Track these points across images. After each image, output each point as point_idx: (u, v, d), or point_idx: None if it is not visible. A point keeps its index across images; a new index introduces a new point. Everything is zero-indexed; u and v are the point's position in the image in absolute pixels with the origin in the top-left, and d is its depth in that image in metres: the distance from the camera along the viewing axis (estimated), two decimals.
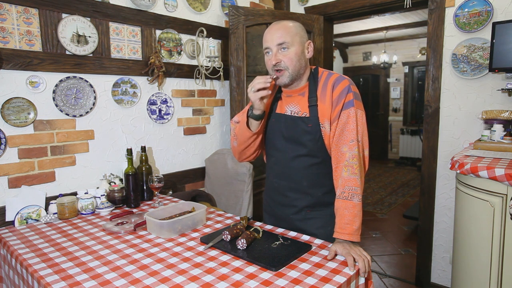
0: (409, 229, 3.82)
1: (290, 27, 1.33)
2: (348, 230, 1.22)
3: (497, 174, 1.55)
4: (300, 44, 1.34)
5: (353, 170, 1.27)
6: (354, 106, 1.31)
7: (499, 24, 2.00)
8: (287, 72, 1.33)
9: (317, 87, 1.37)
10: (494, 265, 1.63)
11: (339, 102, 1.32)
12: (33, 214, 1.69)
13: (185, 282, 1.05)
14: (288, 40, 1.31)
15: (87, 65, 1.93)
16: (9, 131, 1.68)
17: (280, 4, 3.15)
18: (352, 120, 1.30)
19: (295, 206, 1.44)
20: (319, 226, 1.42)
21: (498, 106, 2.17)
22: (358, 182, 1.26)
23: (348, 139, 1.29)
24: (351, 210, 1.24)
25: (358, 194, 1.26)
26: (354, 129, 1.30)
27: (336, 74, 1.38)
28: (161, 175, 1.86)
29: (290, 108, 1.41)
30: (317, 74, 1.41)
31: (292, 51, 1.32)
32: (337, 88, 1.33)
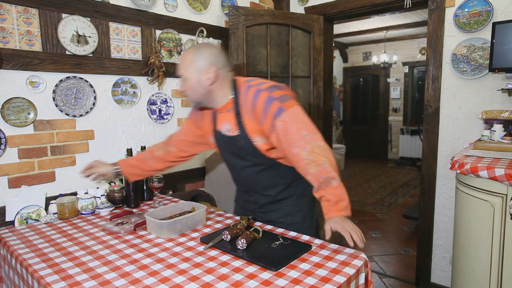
0: (409, 229, 3.82)
1: (186, 59, 1.37)
2: (337, 208, 1.22)
3: (497, 174, 1.55)
4: (195, 74, 1.35)
5: (317, 163, 1.25)
6: (285, 110, 1.29)
7: (499, 24, 2.00)
8: (190, 98, 1.43)
9: (239, 102, 1.39)
10: (494, 265, 1.63)
11: (267, 116, 1.31)
12: (33, 214, 1.69)
13: (185, 282, 1.05)
14: (183, 73, 1.38)
15: (87, 65, 1.93)
16: (9, 131, 1.68)
17: (280, 4, 3.15)
18: (289, 123, 1.29)
19: (257, 203, 1.59)
20: (281, 216, 1.55)
21: (498, 106, 2.17)
22: (328, 169, 1.24)
23: (296, 141, 1.28)
24: (334, 192, 1.23)
25: (334, 177, 1.24)
26: (296, 130, 1.28)
27: (254, 86, 1.36)
28: (161, 175, 1.86)
29: (223, 126, 1.46)
30: (236, 88, 1.42)
31: (188, 82, 1.37)
32: (258, 104, 1.32)
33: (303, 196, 1.56)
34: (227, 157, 1.55)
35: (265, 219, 1.58)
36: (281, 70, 2.91)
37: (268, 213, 1.57)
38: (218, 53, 1.38)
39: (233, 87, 1.42)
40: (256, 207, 1.60)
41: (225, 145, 1.50)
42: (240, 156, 1.47)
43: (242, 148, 1.42)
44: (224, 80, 1.40)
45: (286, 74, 2.91)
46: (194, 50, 1.37)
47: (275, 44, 2.84)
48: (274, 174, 1.49)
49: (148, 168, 1.69)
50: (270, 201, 1.55)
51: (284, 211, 1.55)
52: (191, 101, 1.43)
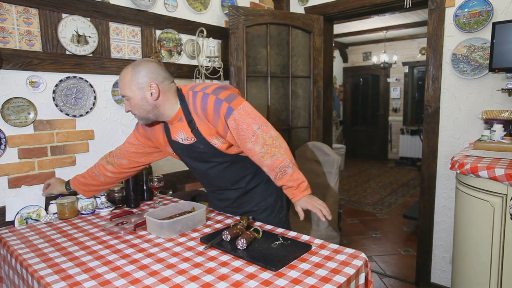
0: (409, 229, 3.82)
1: (125, 79, 1.36)
2: (300, 190, 1.38)
3: (497, 174, 1.55)
4: (139, 91, 1.35)
5: (270, 154, 1.36)
6: (234, 109, 1.35)
7: (499, 24, 2.00)
8: (137, 117, 1.42)
9: (190, 110, 1.41)
10: (494, 265, 1.63)
11: (219, 117, 1.36)
12: (33, 214, 1.69)
13: (185, 282, 1.05)
14: (125, 93, 1.37)
15: (87, 65, 1.93)
16: (9, 131, 1.68)
17: (280, 4, 3.15)
18: (240, 121, 1.35)
19: (228, 199, 1.64)
20: (255, 204, 1.61)
21: (498, 106, 2.17)
22: (282, 158, 1.36)
23: (249, 137, 1.36)
24: (292, 178, 1.37)
25: (287, 165, 1.36)
26: (247, 127, 1.35)
27: (200, 92, 1.39)
28: (161, 175, 1.86)
29: (179, 136, 1.46)
30: (183, 97, 1.42)
31: (133, 101, 1.37)
32: (208, 108, 1.36)
33: (270, 181, 1.57)
34: (189, 163, 1.56)
35: (240, 212, 1.63)
36: (281, 70, 2.91)
37: (241, 206, 1.63)
38: (156, 68, 1.36)
39: (180, 97, 1.42)
40: (228, 204, 1.65)
41: (185, 152, 1.51)
42: (203, 159, 1.50)
43: (203, 152, 1.45)
44: (169, 93, 1.39)
45: (286, 74, 2.91)
46: (131, 69, 1.35)
47: (275, 44, 2.84)
48: (240, 167, 1.54)
49: (102, 183, 1.68)
50: (241, 193, 1.60)
51: (257, 199, 1.61)
52: (139, 119, 1.43)
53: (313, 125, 3.05)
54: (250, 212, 1.61)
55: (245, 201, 1.63)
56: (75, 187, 1.70)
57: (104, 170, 1.65)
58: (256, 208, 1.62)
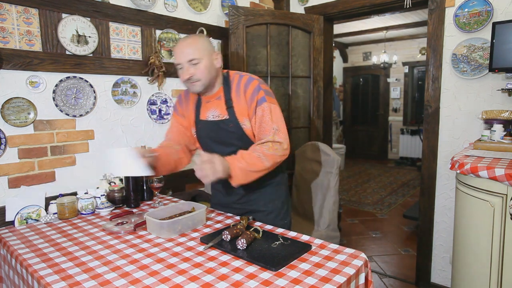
0: (409, 229, 3.82)
1: (198, 43, 1.44)
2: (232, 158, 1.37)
3: (497, 174, 1.55)
4: (208, 57, 1.45)
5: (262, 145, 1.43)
6: (267, 101, 1.46)
7: (499, 24, 2.00)
8: (200, 83, 1.46)
9: (231, 90, 1.51)
10: (494, 265, 1.63)
11: (252, 100, 1.47)
12: (33, 214, 1.69)
13: (185, 282, 1.05)
14: (197, 56, 1.42)
15: (87, 65, 1.93)
16: (9, 131, 1.68)
17: (280, 4, 3.15)
18: (266, 113, 1.45)
19: (237, 194, 1.63)
20: (261, 204, 1.62)
21: (498, 106, 2.17)
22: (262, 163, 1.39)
23: (268, 130, 1.45)
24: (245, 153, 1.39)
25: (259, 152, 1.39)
26: (269, 120, 1.45)
27: (246, 75, 1.52)
28: (161, 175, 1.86)
29: (211, 113, 1.54)
30: (229, 78, 1.54)
31: (202, 65, 1.43)
32: (249, 89, 1.48)
33: (281, 184, 1.67)
34: (209, 146, 1.58)
35: (245, 210, 1.63)
36: (281, 70, 2.91)
37: (248, 203, 1.64)
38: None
39: (225, 77, 1.54)
40: (235, 199, 1.65)
41: (209, 132, 1.55)
42: (225, 142, 1.52)
43: (230, 132, 1.49)
44: (220, 69, 1.52)
45: (286, 74, 2.91)
46: (198, 36, 1.45)
47: (275, 44, 2.84)
48: None
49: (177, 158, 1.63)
50: (251, 190, 1.60)
51: (265, 199, 1.63)
52: (200, 85, 1.46)
53: (313, 125, 3.05)
54: (257, 212, 1.61)
55: (252, 199, 1.63)
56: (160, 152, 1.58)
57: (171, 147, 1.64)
58: (263, 208, 1.62)
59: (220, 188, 1.70)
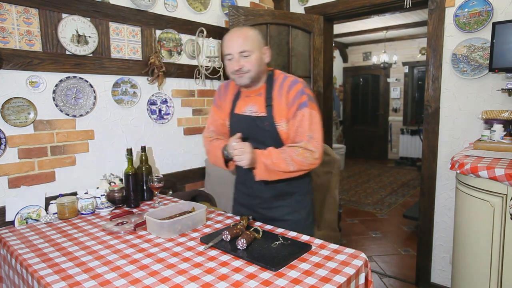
0: (409, 229, 3.82)
1: (250, 35, 1.43)
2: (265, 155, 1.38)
3: (497, 174, 1.55)
4: (259, 51, 1.44)
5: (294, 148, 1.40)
6: (308, 106, 1.43)
7: (499, 24, 2.00)
8: (248, 74, 1.44)
9: (273, 89, 1.48)
10: (494, 265, 1.63)
11: (294, 103, 1.43)
12: (33, 214, 1.69)
13: (185, 282, 1.05)
14: (249, 48, 1.41)
15: (87, 65, 1.93)
16: (9, 131, 1.68)
17: (280, 4, 3.15)
18: (306, 118, 1.42)
19: (260, 197, 1.58)
20: (286, 212, 1.57)
21: (498, 106, 2.17)
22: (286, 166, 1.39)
23: (304, 136, 1.42)
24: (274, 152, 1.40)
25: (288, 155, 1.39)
26: (307, 126, 1.42)
27: (292, 77, 1.50)
28: (161, 175, 1.86)
29: (249, 108, 1.52)
30: (273, 76, 1.52)
31: (253, 57, 1.42)
32: (292, 91, 1.45)
33: (307, 194, 1.62)
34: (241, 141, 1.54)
35: (268, 217, 1.57)
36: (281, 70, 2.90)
37: (272, 210, 1.58)
38: None
39: (269, 75, 1.52)
40: (258, 202, 1.59)
41: (243, 127, 1.52)
42: (257, 139, 1.49)
43: (265, 130, 1.47)
44: (266, 64, 1.51)
45: None
46: (251, 28, 1.45)
47: (275, 44, 2.84)
48: None
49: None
50: (275, 195, 1.55)
51: (290, 208, 1.56)
52: (248, 77, 1.44)
53: None
54: (279, 221, 1.55)
55: (276, 206, 1.57)
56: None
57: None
58: (287, 217, 1.56)
59: (242, 189, 1.67)
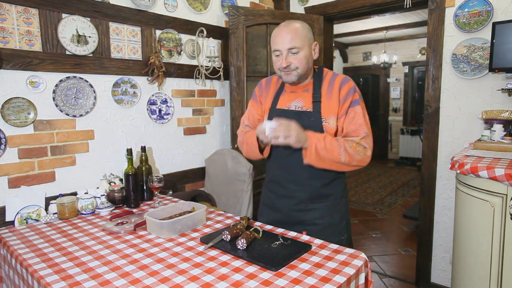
0: (409, 229, 3.82)
1: (300, 31, 1.38)
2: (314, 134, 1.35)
3: (497, 174, 1.55)
4: (308, 47, 1.41)
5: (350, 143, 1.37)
6: (360, 104, 1.42)
7: (499, 24, 2.00)
8: (296, 72, 1.40)
9: (322, 85, 1.45)
10: (494, 265, 1.63)
11: (346, 100, 1.41)
12: (33, 214, 1.69)
13: (185, 282, 1.05)
14: (299, 45, 1.37)
15: (87, 65, 1.93)
16: (9, 131, 1.68)
17: (280, 4, 3.15)
18: (359, 116, 1.40)
19: (295, 198, 1.51)
20: (318, 216, 1.50)
21: (498, 106, 2.17)
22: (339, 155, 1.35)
23: (359, 133, 1.40)
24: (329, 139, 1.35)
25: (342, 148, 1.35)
26: (362, 123, 1.40)
27: (342, 74, 1.48)
28: (161, 175, 1.86)
29: (294, 104, 1.48)
30: (322, 73, 1.49)
31: (302, 54, 1.38)
32: (344, 88, 1.42)
33: (342, 197, 1.56)
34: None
35: (298, 220, 1.51)
36: None
37: (305, 213, 1.50)
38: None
39: (318, 71, 1.49)
40: (292, 204, 1.51)
41: None
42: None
43: (309, 126, 1.41)
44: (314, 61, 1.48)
45: None
46: (301, 23, 1.41)
47: None
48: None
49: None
50: (312, 195, 1.48)
51: (322, 211, 1.49)
52: (296, 74, 1.40)
53: None
54: (311, 225, 1.49)
55: (309, 209, 1.50)
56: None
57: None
58: (319, 221, 1.49)
59: (275, 189, 1.57)
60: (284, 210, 1.54)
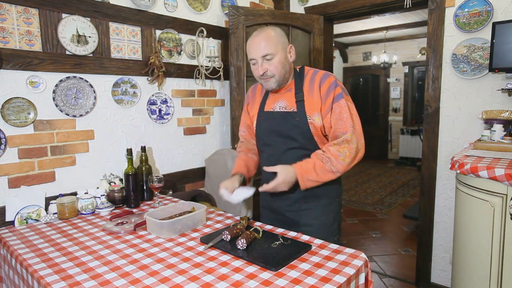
0: (409, 229, 3.82)
1: (272, 37, 1.39)
2: (303, 170, 1.36)
3: (497, 174, 1.55)
4: (282, 51, 1.41)
5: (338, 148, 1.37)
6: (344, 98, 1.41)
7: (499, 24, 2.00)
8: (274, 79, 1.43)
9: (303, 83, 1.46)
10: (494, 265, 1.63)
11: (328, 95, 1.41)
12: (33, 214, 1.69)
13: (185, 282, 1.05)
14: (272, 51, 1.38)
15: (87, 65, 1.93)
16: (9, 131, 1.68)
17: (280, 4, 3.15)
18: (345, 110, 1.39)
19: (289, 199, 1.52)
20: (313, 217, 1.52)
21: (498, 106, 2.17)
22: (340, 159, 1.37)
23: (346, 127, 1.39)
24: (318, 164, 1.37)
25: (334, 165, 1.36)
26: (348, 117, 1.39)
27: (322, 71, 1.47)
28: (161, 175, 1.86)
29: (278, 104, 1.50)
30: (303, 72, 1.50)
31: (276, 60, 1.39)
32: (325, 84, 1.42)
33: (335, 197, 1.58)
34: (269, 140, 1.52)
35: (294, 221, 1.52)
36: None
37: (299, 213, 1.52)
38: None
39: (299, 70, 1.50)
40: (286, 205, 1.54)
41: (272, 124, 1.50)
42: (286, 135, 1.46)
43: (295, 126, 1.43)
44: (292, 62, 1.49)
45: None
46: (272, 29, 1.42)
47: None
48: None
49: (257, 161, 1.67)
50: (304, 196, 1.49)
51: (317, 212, 1.51)
52: (274, 81, 1.43)
53: None
54: (307, 225, 1.50)
55: (304, 209, 1.51)
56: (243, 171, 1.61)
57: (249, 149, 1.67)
58: (314, 221, 1.51)
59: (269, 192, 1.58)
60: (280, 211, 1.57)
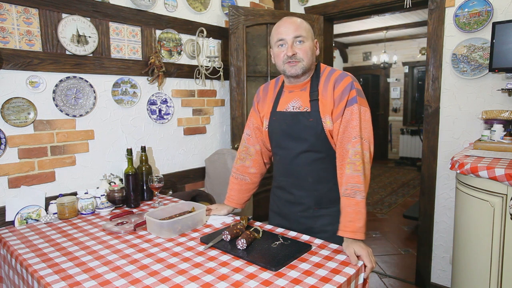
0: (409, 229, 3.82)
1: (304, 23, 1.39)
2: (351, 228, 1.23)
3: (497, 174, 1.55)
4: (312, 40, 1.39)
5: (355, 167, 1.27)
6: (358, 102, 1.32)
7: (499, 24, 2.00)
8: (301, 64, 1.35)
9: (319, 82, 1.39)
10: (494, 265, 1.63)
11: (342, 99, 1.32)
12: (33, 214, 1.69)
13: (185, 282, 1.05)
14: (304, 34, 1.35)
15: (87, 65, 1.93)
16: (9, 131, 1.68)
17: (280, 4, 3.15)
18: (355, 117, 1.30)
19: (302, 204, 1.45)
20: (327, 223, 1.43)
21: (498, 106, 2.17)
22: (361, 179, 1.27)
23: (351, 136, 1.30)
24: (354, 208, 1.25)
25: (361, 191, 1.26)
26: (357, 125, 1.30)
27: (339, 70, 1.40)
28: (161, 175, 1.86)
29: (292, 104, 1.43)
30: (319, 70, 1.43)
31: (307, 45, 1.36)
32: (340, 86, 1.34)
33: None
34: (282, 142, 1.45)
35: (306, 227, 1.45)
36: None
37: (313, 219, 1.44)
38: None
39: (315, 69, 1.44)
40: (299, 210, 1.46)
41: (284, 125, 1.42)
42: (299, 137, 1.39)
43: (308, 126, 1.36)
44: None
45: None
46: (302, 19, 1.40)
47: None
48: (328, 168, 1.40)
49: (250, 183, 1.61)
50: (318, 201, 1.42)
51: (332, 218, 1.41)
52: (301, 66, 1.35)
53: None
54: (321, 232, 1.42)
55: (318, 215, 1.43)
56: (234, 204, 1.63)
57: (245, 168, 1.60)
58: (329, 228, 1.41)
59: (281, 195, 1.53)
60: (292, 217, 1.49)
